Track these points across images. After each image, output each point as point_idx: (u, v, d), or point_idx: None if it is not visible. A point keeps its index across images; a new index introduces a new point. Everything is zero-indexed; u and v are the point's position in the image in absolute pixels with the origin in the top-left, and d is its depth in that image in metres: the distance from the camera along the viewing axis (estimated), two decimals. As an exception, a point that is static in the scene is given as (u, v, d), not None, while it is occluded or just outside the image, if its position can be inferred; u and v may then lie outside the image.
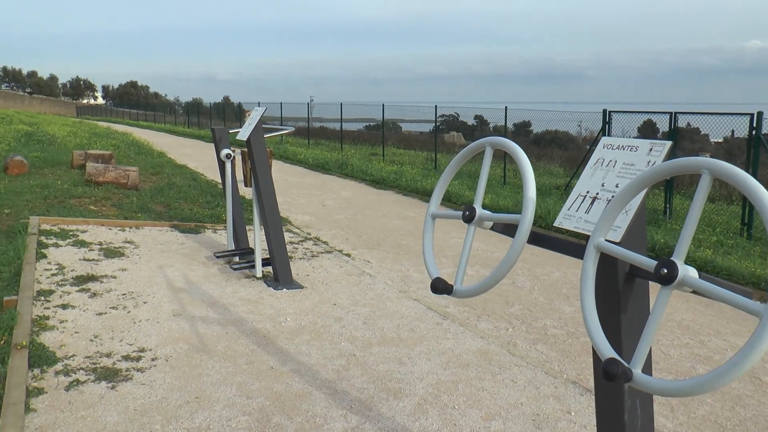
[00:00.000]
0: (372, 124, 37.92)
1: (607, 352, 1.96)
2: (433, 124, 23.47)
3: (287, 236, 7.54)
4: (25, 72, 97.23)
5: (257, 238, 7.10)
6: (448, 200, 13.56)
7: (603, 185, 2.43)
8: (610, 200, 2.31)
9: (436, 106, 21.10)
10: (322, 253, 8.54)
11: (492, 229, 2.65)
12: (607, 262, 2.23)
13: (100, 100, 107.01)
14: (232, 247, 8.08)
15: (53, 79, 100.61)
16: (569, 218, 2.48)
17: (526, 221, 2.36)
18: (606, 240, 2.11)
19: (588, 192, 2.47)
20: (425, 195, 14.30)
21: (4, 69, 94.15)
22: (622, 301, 2.28)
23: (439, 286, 2.55)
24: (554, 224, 2.55)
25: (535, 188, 2.40)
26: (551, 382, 4.68)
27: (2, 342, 4.76)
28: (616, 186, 2.36)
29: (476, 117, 37.23)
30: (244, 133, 6.92)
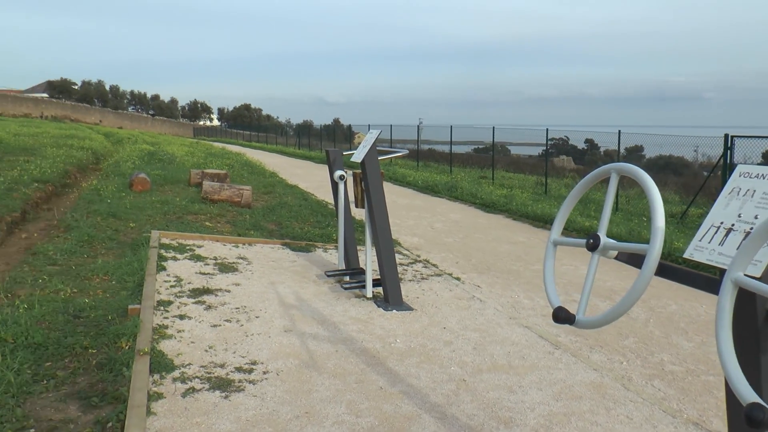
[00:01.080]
0: (481, 146, 37.73)
1: (749, 396, 1.85)
2: (543, 148, 23.07)
3: (397, 258, 7.62)
4: (149, 95, 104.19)
5: (368, 259, 7.23)
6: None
7: (740, 216, 2.31)
8: (748, 232, 2.19)
9: (547, 129, 20.76)
10: (431, 275, 8.57)
11: (616, 258, 2.58)
12: (745, 298, 2.12)
13: (216, 122, 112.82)
14: (343, 266, 8.27)
15: (173, 101, 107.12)
16: (701, 250, 2.37)
17: (655, 252, 2.28)
18: (745, 275, 2.01)
19: (722, 223, 2.36)
20: (536, 220, 14.05)
21: (132, 93, 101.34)
22: (762, 340, 2.15)
23: (561, 316, 2.50)
24: (684, 256, 2.45)
25: (664, 218, 2.32)
26: (670, 422, 4.45)
27: (127, 347, 5.10)
28: (755, 217, 2.24)
29: (587, 140, 36.27)
30: (358, 155, 7.09)
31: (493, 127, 23.30)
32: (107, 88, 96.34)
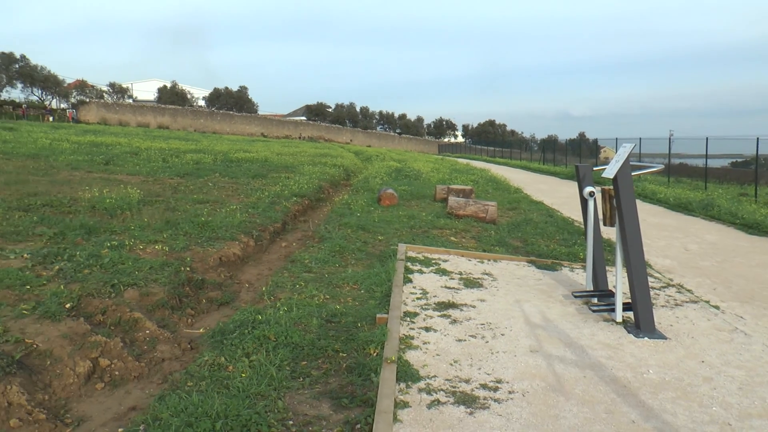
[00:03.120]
0: (740, 160, 34.08)
1: None
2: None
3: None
4: (396, 115, 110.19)
5: (619, 281, 6.85)
6: None
7: None
8: None
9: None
10: (686, 302, 7.87)
11: None
12: None
13: (460, 138, 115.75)
14: (591, 287, 7.92)
15: (419, 120, 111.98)
16: None
17: None
18: None
19: None
20: (829, 246, 12.25)
21: (380, 113, 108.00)
22: None
23: None
24: None
25: None
26: None
27: (375, 354, 5.37)
28: None
29: None
30: (610, 171, 6.77)
31: (757, 138, 20.97)
32: (358, 109, 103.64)
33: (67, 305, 6.27)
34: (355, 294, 7.51)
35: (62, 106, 77.26)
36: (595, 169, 8.31)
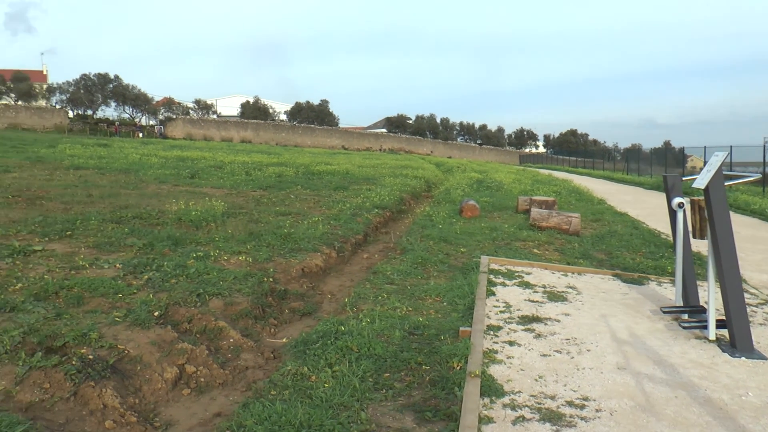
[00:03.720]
0: None
1: None
2: None
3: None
4: (476, 125, 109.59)
5: (711, 296, 6.56)
6: None
7: None
8: None
9: None
10: (794, 320, 7.45)
11: None
12: None
13: (541, 149, 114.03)
14: (681, 303, 7.62)
15: (500, 130, 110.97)
16: None
17: None
18: None
19: None
20: None
21: (460, 124, 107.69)
22: None
23: None
24: None
25: None
26: None
27: (458, 368, 5.33)
28: None
29: None
30: (701, 181, 6.50)
31: None
32: (438, 120, 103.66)
33: (156, 313, 6.52)
34: (437, 306, 7.48)
35: (151, 122, 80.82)
36: (684, 179, 8.02)
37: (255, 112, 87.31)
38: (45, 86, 79.55)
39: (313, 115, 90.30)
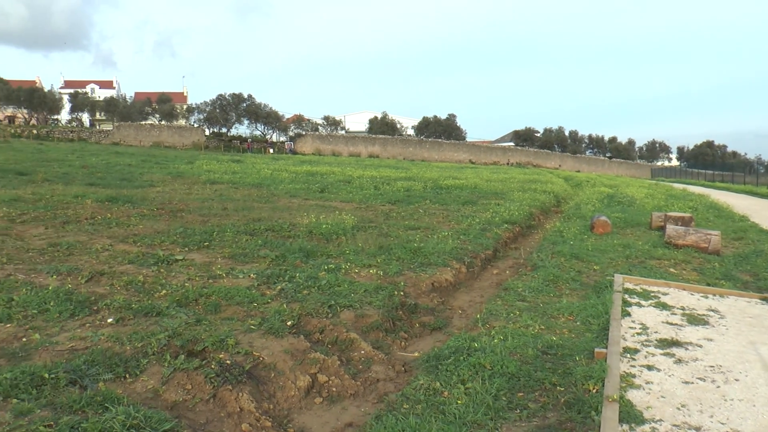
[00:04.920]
0: None
1: None
2: None
3: None
4: (605, 138, 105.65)
5: None
6: None
7: None
8: None
9: None
10: None
11: None
12: None
13: (674, 162, 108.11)
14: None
15: (630, 143, 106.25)
16: None
17: None
18: None
19: None
20: None
21: (589, 137, 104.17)
22: None
23: None
24: None
25: None
26: None
27: (594, 391, 5.12)
28: None
29: None
30: None
31: None
32: (566, 133, 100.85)
33: (289, 323, 6.72)
34: (570, 326, 7.23)
35: (281, 139, 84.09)
36: None
37: (383, 127, 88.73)
38: (185, 106, 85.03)
39: (440, 130, 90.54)
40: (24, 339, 5.85)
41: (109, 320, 6.48)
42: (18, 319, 6.33)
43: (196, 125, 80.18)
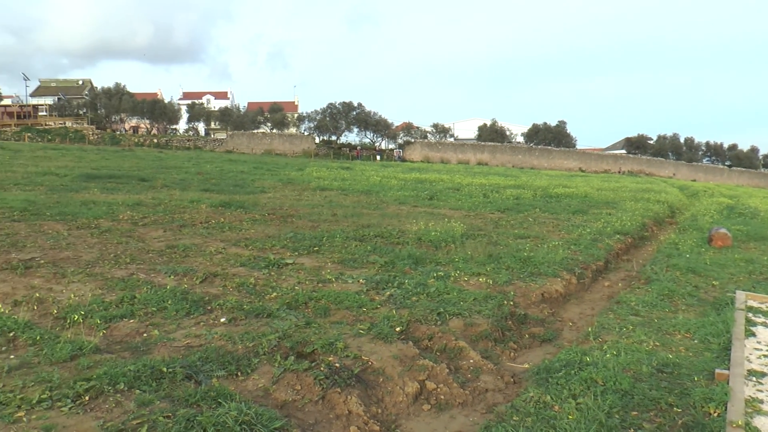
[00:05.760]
0: None
1: None
2: None
3: None
4: (725, 145, 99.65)
5: None
6: None
7: None
8: None
9: None
10: None
11: None
12: None
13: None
14: None
15: (753, 150, 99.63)
16: None
17: None
18: None
19: None
20: None
21: (707, 144, 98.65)
22: None
23: None
24: None
25: None
26: None
27: (716, 414, 4.83)
28: None
29: None
30: None
31: None
32: (681, 140, 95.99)
33: (398, 329, 6.75)
34: (687, 344, 6.86)
35: (390, 146, 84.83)
36: None
37: (492, 134, 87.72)
38: (296, 115, 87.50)
39: (550, 137, 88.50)
40: (145, 334, 6.23)
41: (222, 320, 6.77)
42: (139, 315, 6.75)
43: (306, 133, 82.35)
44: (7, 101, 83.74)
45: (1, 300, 7.09)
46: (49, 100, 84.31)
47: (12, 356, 5.49)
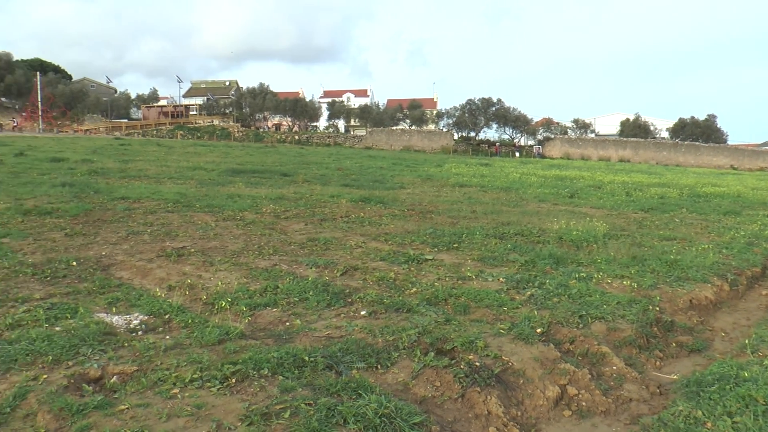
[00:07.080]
0: None
1: None
2: None
3: None
4: None
5: None
6: None
7: None
8: None
9: None
10: None
11: None
12: None
13: None
14: None
15: None
16: None
17: None
18: None
19: None
20: None
21: None
22: None
23: None
24: None
25: None
26: None
27: None
28: None
29: None
30: None
31: None
32: None
33: (538, 330, 6.51)
34: None
35: (529, 143, 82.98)
36: None
37: (635, 129, 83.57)
38: (435, 112, 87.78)
39: (697, 132, 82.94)
40: (287, 323, 6.42)
41: (362, 312, 6.84)
42: (282, 305, 6.97)
43: (444, 130, 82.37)
44: (162, 102, 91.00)
45: (158, 284, 7.61)
46: (199, 100, 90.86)
47: (167, 337, 5.87)
